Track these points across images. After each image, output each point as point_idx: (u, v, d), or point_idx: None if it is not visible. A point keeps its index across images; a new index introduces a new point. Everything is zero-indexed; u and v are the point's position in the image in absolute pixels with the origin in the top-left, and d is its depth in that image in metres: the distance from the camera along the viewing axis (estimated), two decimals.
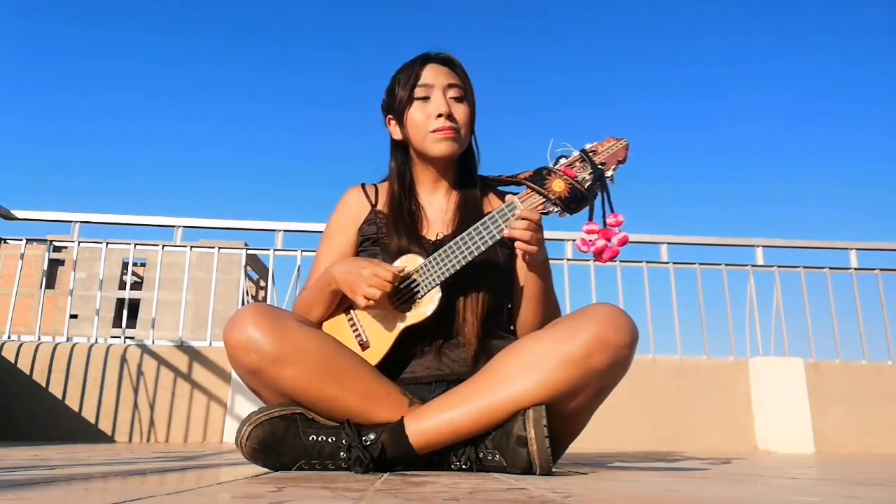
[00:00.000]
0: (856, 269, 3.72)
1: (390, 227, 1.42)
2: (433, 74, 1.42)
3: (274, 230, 3.51)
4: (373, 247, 1.44)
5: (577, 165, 1.21)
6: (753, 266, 3.65)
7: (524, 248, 1.23)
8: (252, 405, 2.76)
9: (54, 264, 32.29)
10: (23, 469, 1.19)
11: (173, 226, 3.46)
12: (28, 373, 3.01)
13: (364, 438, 1.19)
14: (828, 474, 1.44)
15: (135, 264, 14.90)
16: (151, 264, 33.04)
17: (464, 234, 1.27)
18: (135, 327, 33.09)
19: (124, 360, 3.09)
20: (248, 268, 4.17)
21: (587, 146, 1.23)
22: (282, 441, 1.21)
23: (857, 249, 3.76)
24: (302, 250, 3.44)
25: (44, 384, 3.01)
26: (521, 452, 1.13)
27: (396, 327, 1.33)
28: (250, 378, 1.26)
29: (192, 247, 3.48)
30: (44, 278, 3.65)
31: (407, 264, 1.33)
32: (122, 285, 32.91)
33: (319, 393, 1.23)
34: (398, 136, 1.47)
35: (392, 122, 1.48)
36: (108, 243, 3.38)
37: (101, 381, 3.05)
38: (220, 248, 3.53)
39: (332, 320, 1.41)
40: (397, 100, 1.43)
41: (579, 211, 1.22)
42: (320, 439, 1.21)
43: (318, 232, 3.41)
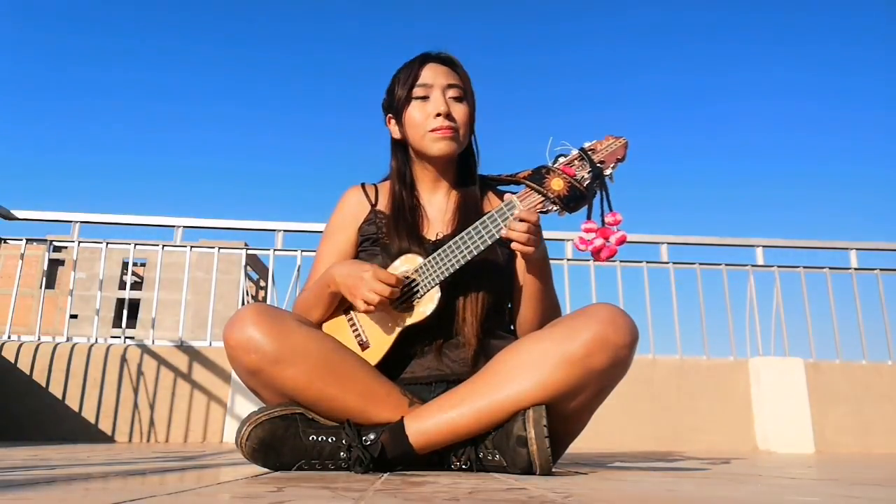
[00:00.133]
0: (856, 269, 3.72)
1: (391, 227, 1.41)
2: (433, 74, 1.42)
3: (274, 230, 3.51)
4: (373, 247, 1.44)
5: (576, 164, 1.21)
6: (753, 266, 3.65)
7: (521, 250, 1.23)
8: (252, 405, 2.76)
9: (54, 264, 32.30)
10: (23, 469, 1.18)
11: (173, 226, 3.46)
12: (28, 373, 3.01)
13: (364, 438, 1.19)
14: (828, 474, 1.44)
15: (135, 264, 14.92)
16: (151, 264, 33.05)
17: (463, 234, 1.27)
18: (135, 327, 33.10)
19: (124, 360, 3.09)
20: (248, 268, 4.16)
21: (586, 144, 1.22)
22: (282, 441, 1.20)
23: (856, 249, 3.76)
24: (302, 250, 3.44)
25: (44, 384, 3.01)
26: (521, 452, 1.13)
27: (396, 327, 1.33)
28: (250, 378, 1.26)
29: (192, 247, 3.48)
30: (44, 278, 3.65)
31: (407, 264, 1.33)
32: (122, 285, 32.92)
33: (319, 393, 1.23)
34: (398, 135, 1.47)
35: (392, 121, 1.48)
36: (108, 243, 3.38)
37: (101, 381, 3.05)
38: (220, 248, 3.53)
39: (332, 320, 1.40)
40: (396, 99, 1.43)
41: (578, 209, 1.22)
42: (320, 439, 1.21)
43: (318, 232, 3.40)
